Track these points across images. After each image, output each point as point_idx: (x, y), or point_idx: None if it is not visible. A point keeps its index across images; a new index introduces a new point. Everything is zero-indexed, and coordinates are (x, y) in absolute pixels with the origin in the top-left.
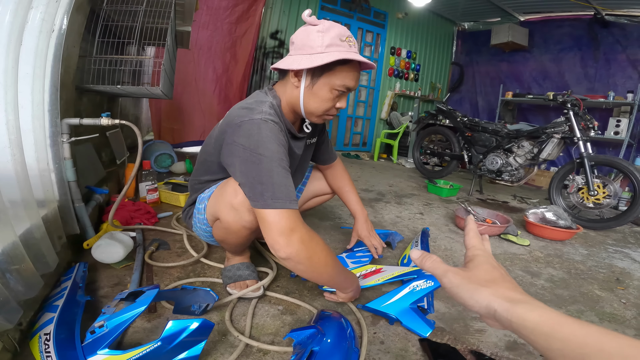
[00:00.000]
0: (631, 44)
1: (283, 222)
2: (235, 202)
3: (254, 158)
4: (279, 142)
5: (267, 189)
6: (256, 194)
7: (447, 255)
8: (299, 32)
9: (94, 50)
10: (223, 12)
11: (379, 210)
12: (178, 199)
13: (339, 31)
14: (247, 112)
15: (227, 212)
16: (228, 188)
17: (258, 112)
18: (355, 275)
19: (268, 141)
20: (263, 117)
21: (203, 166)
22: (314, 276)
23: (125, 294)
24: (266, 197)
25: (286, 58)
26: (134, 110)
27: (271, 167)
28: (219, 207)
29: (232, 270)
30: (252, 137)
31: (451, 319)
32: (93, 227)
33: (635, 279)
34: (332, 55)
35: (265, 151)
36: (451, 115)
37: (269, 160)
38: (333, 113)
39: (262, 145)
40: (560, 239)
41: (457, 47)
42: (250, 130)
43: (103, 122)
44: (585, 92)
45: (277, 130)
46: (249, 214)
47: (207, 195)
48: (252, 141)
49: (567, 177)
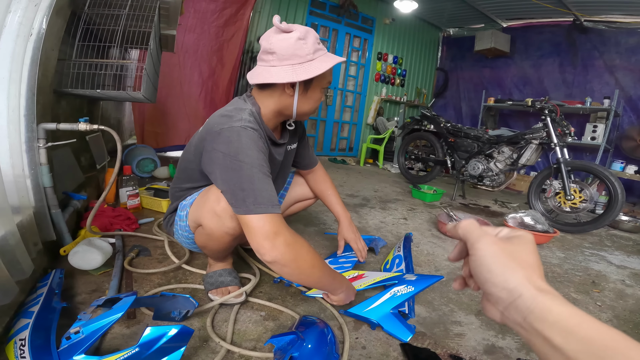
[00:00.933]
0: (608, 50)
1: (267, 227)
2: (218, 208)
3: (234, 165)
4: (259, 148)
5: (248, 195)
6: (238, 200)
7: (429, 260)
8: (277, 42)
9: (73, 53)
10: (210, 16)
11: (364, 215)
12: (160, 205)
13: (314, 34)
14: (227, 120)
15: (210, 218)
16: (210, 195)
17: (237, 120)
18: (346, 277)
19: (248, 148)
20: (242, 125)
21: (184, 174)
22: (301, 278)
23: (102, 301)
24: (248, 203)
25: (271, 70)
26: (115, 113)
27: (252, 173)
28: (201, 213)
29: (214, 276)
30: (232, 144)
31: (432, 323)
32: (70, 233)
33: (610, 281)
34: (324, 61)
35: (245, 158)
36: (435, 121)
37: (249, 166)
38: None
39: (242, 152)
40: (538, 243)
41: (442, 53)
42: (230, 138)
43: (81, 127)
44: (563, 98)
45: (257, 137)
46: (231, 220)
47: (189, 202)
48: (232, 148)
49: (545, 182)
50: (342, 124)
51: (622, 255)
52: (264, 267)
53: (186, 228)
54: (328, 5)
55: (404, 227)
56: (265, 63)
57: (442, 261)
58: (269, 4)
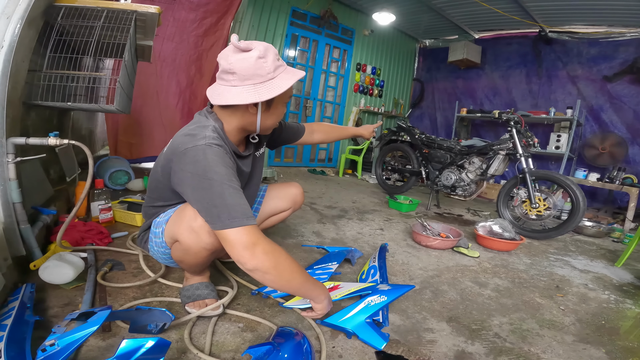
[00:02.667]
0: (571, 60)
1: (245, 238)
2: (195, 225)
3: (204, 184)
4: (226, 164)
5: (222, 211)
6: (213, 217)
7: (403, 269)
8: (237, 62)
9: (44, 64)
10: (190, 25)
11: (341, 227)
12: (134, 219)
13: (273, 51)
14: (191, 139)
15: (187, 235)
16: (187, 211)
17: (201, 138)
18: (325, 287)
19: (215, 165)
20: (207, 142)
21: (155, 193)
22: (283, 284)
23: (76, 314)
24: (223, 219)
25: (233, 90)
26: (87, 123)
27: (222, 189)
28: (178, 230)
29: (190, 289)
30: (199, 163)
31: (405, 331)
32: (41, 247)
33: (573, 285)
34: (286, 79)
35: (213, 175)
36: (410, 132)
37: (218, 183)
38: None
39: (209, 170)
40: (506, 250)
41: (419, 64)
42: (196, 157)
43: (50, 142)
44: (529, 108)
45: (223, 153)
46: (209, 236)
47: (164, 219)
48: (200, 167)
49: (513, 191)
50: None
51: (586, 260)
52: (241, 280)
53: (162, 244)
54: (309, 17)
55: (380, 237)
56: (226, 82)
57: (416, 270)
58: (250, 14)
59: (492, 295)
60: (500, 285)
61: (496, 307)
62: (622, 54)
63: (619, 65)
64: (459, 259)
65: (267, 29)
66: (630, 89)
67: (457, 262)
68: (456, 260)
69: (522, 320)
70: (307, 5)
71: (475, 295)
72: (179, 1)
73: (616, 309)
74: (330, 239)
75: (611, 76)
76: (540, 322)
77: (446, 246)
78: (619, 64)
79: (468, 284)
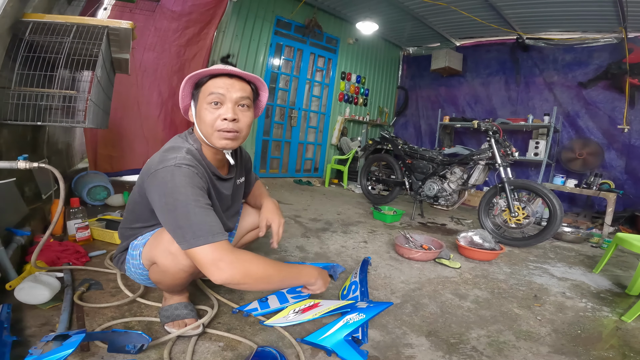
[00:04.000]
0: (547, 67)
1: (209, 256)
2: (173, 248)
3: (169, 206)
4: (194, 184)
5: (187, 232)
6: (179, 237)
7: (385, 283)
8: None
9: (12, 82)
10: (172, 34)
11: (325, 240)
12: (112, 237)
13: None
14: (161, 160)
15: (165, 257)
16: (165, 235)
17: (172, 159)
18: (312, 266)
19: (181, 185)
20: (176, 163)
21: (133, 214)
22: (264, 286)
23: (51, 337)
24: (188, 238)
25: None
26: (64, 137)
27: (187, 209)
28: (155, 253)
29: (169, 310)
30: (167, 184)
31: (385, 347)
32: (16, 268)
33: (551, 294)
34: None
35: (179, 196)
36: (393, 142)
37: (183, 204)
38: (225, 127)
39: (175, 191)
40: (487, 260)
41: (403, 72)
42: (165, 178)
43: (20, 165)
44: (509, 116)
45: (192, 174)
46: (185, 258)
47: (141, 242)
48: (167, 189)
49: (492, 201)
50: (307, 145)
51: (564, 267)
52: (222, 298)
53: (140, 266)
54: (293, 26)
55: (363, 250)
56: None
57: (397, 283)
58: (233, 23)
59: (472, 307)
60: (480, 296)
61: (475, 319)
62: (596, 60)
63: (593, 71)
64: (441, 271)
65: (252, 38)
66: (604, 95)
67: (438, 273)
68: (438, 272)
69: (500, 333)
70: (291, 15)
71: (455, 308)
72: (161, 11)
73: (593, 317)
74: (313, 253)
75: (586, 82)
76: (517, 333)
77: (428, 258)
78: (594, 70)
79: (448, 297)
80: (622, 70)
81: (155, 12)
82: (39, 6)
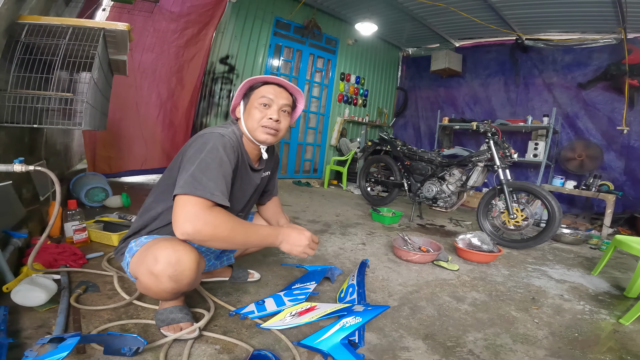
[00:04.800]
0: (546, 67)
1: (191, 207)
2: (156, 270)
3: (197, 158)
4: (227, 154)
5: (195, 183)
6: (186, 184)
7: (383, 285)
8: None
9: (9, 85)
10: (171, 35)
11: (324, 242)
12: (110, 239)
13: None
14: (211, 129)
15: (147, 277)
16: (149, 255)
17: (219, 130)
18: (284, 229)
19: (216, 149)
20: (222, 133)
21: (162, 195)
22: (225, 246)
23: (46, 340)
24: (191, 188)
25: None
26: (62, 138)
27: (208, 166)
28: (139, 271)
29: (164, 313)
30: (206, 144)
31: (381, 350)
32: (13, 270)
33: (549, 297)
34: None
35: (210, 154)
36: (392, 144)
37: (208, 161)
38: (268, 124)
39: (210, 150)
40: (485, 262)
41: (402, 73)
42: (207, 139)
43: (16, 168)
44: (508, 116)
45: (229, 146)
46: (169, 280)
47: (133, 251)
48: (205, 146)
49: (491, 202)
50: (306, 146)
51: (563, 269)
52: (219, 301)
53: (129, 273)
54: (292, 26)
55: (362, 252)
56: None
57: (395, 286)
58: (232, 24)
59: (469, 310)
60: (478, 299)
61: (472, 322)
62: (596, 61)
63: (592, 72)
64: (439, 273)
65: (251, 39)
66: (604, 96)
67: (436, 276)
68: (436, 274)
69: (497, 335)
70: (290, 15)
71: (453, 311)
72: (160, 12)
73: (590, 320)
74: (311, 255)
75: (585, 83)
76: (514, 336)
77: (426, 260)
78: (593, 71)
79: (446, 299)
80: (621, 71)
81: (154, 13)
82: (36, 7)
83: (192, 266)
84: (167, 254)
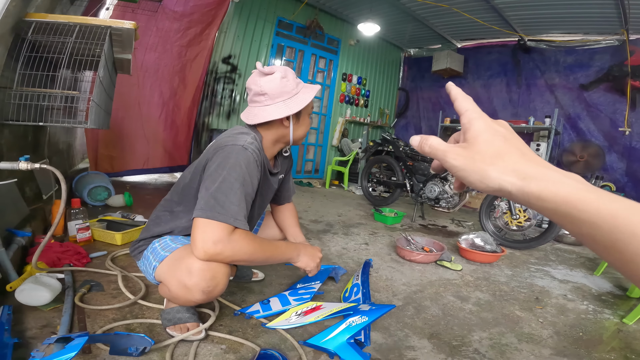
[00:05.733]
0: (548, 68)
1: (216, 233)
2: (190, 283)
3: (219, 175)
4: (250, 171)
5: (217, 205)
6: (207, 206)
7: (387, 285)
8: (265, 84)
9: (15, 82)
10: (174, 35)
11: (326, 242)
12: (113, 238)
13: (291, 71)
14: (233, 139)
15: (178, 288)
16: (182, 266)
17: (242, 140)
18: (298, 244)
19: (239, 166)
20: (245, 145)
21: (178, 195)
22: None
23: (53, 340)
24: (212, 211)
25: (267, 109)
26: (65, 137)
27: (231, 186)
28: (170, 280)
29: (171, 313)
30: (229, 159)
31: (387, 349)
32: (17, 269)
33: (553, 297)
34: (307, 92)
35: (233, 172)
36: (394, 144)
37: (232, 180)
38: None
39: (234, 167)
40: (488, 262)
41: (404, 73)
42: (230, 153)
43: (21, 166)
44: (510, 117)
45: (253, 161)
46: (201, 294)
47: (160, 255)
48: (227, 162)
49: (494, 203)
50: (308, 146)
51: (566, 269)
52: (224, 300)
53: (151, 274)
54: (295, 27)
55: (365, 252)
56: (259, 104)
57: (399, 286)
58: (235, 24)
59: (473, 309)
60: (482, 298)
61: (477, 321)
62: (598, 62)
63: (594, 73)
64: (442, 273)
65: (253, 39)
66: (606, 97)
67: (440, 276)
68: (439, 274)
69: (502, 335)
70: (293, 16)
71: (457, 310)
72: (163, 11)
73: (594, 319)
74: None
75: (587, 84)
76: (519, 335)
77: (429, 260)
78: (595, 72)
79: (450, 299)
80: (623, 72)
81: (157, 12)
82: (41, 6)
83: (225, 281)
84: (202, 269)
